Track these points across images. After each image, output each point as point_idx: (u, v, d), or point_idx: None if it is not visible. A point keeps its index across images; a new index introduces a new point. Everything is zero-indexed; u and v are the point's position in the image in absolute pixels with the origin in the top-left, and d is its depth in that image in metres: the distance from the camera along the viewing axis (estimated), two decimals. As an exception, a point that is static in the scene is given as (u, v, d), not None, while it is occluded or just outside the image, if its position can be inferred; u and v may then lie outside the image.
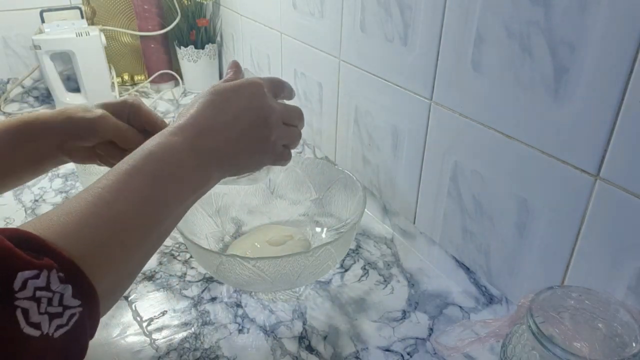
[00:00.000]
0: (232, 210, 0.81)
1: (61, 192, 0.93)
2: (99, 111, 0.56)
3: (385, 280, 0.71)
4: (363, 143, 0.86)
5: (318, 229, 0.79)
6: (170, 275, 0.72)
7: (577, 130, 0.49)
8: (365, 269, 0.74)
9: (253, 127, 0.49)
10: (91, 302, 0.33)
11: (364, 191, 0.72)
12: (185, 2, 1.34)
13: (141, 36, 1.40)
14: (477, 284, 0.67)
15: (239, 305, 0.67)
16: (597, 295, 0.46)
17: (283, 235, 0.75)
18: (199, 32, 1.37)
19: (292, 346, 0.61)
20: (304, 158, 0.84)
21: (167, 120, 0.60)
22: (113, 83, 1.39)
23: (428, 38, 0.65)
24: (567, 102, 0.49)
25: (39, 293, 0.30)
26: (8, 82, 1.35)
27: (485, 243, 0.64)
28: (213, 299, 0.68)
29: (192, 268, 0.73)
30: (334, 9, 0.84)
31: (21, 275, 0.30)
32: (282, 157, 0.54)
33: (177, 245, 0.78)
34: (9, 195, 0.92)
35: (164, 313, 0.65)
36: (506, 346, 0.47)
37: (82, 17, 1.34)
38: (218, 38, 1.45)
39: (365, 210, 0.75)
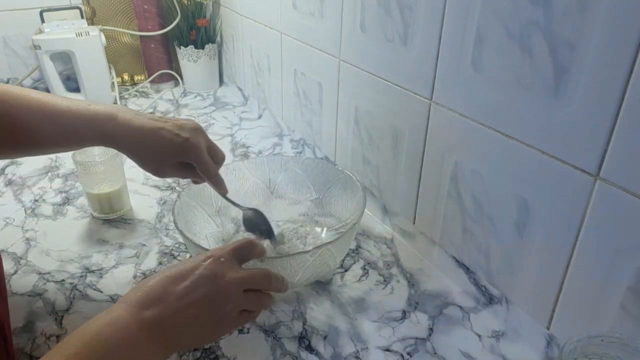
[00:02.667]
0: (233, 210, 0.81)
1: (61, 192, 0.93)
2: (188, 137, 0.62)
3: (385, 280, 0.71)
4: (363, 143, 0.86)
5: (318, 229, 0.79)
6: (170, 275, 0.72)
7: (577, 130, 0.49)
8: (365, 269, 0.74)
9: (207, 309, 0.47)
10: None
11: (364, 191, 0.72)
12: (185, 2, 1.34)
13: (141, 36, 1.40)
14: (477, 284, 0.67)
15: (239, 305, 0.67)
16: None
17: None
18: (199, 32, 1.37)
19: (292, 346, 0.61)
20: (304, 158, 0.84)
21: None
22: (113, 83, 1.39)
23: (428, 38, 0.65)
24: (567, 102, 0.49)
25: None
26: (8, 82, 1.35)
27: (485, 243, 0.64)
28: (213, 299, 0.68)
29: (192, 268, 0.73)
30: (334, 9, 0.84)
31: None
32: (238, 323, 0.52)
33: (177, 245, 0.78)
34: (9, 195, 0.92)
35: (164, 313, 0.65)
36: None
37: (82, 17, 1.34)
38: (218, 38, 1.45)
39: (365, 210, 0.75)
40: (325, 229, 0.79)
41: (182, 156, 0.63)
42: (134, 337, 0.43)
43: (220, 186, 0.68)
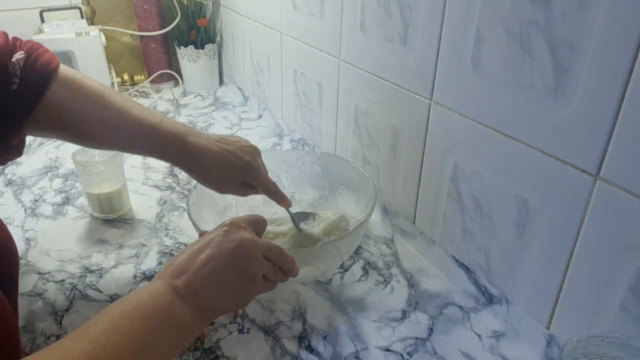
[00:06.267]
0: (233, 210, 0.81)
1: (61, 192, 0.93)
2: (250, 160, 0.67)
3: (385, 280, 0.71)
4: (363, 143, 0.86)
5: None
6: (170, 275, 0.72)
7: (577, 130, 0.49)
8: (365, 269, 0.74)
9: (240, 279, 0.50)
10: None
11: (376, 189, 0.72)
12: (185, 2, 1.34)
13: (141, 36, 1.40)
14: (477, 284, 0.67)
15: (239, 305, 0.67)
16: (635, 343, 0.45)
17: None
18: (199, 32, 1.37)
19: (292, 346, 0.61)
20: (319, 153, 0.85)
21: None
22: (113, 83, 1.39)
23: (428, 38, 0.65)
24: (567, 102, 0.49)
25: None
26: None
27: (485, 243, 0.64)
28: (213, 299, 0.68)
29: (192, 268, 0.73)
30: (334, 9, 0.84)
31: None
32: (264, 287, 0.54)
33: (177, 245, 0.78)
34: (9, 195, 0.92)
35: (164, 313, 0.65)
36: None
37: (82, 17, 1.34)
38: (218, 38, 1.45)
39: (365, 210, 0.75)
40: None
41: (244, 178, 0.68)
42: (170, 300, 0.45)
43: (283, 201, 0.72)
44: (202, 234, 0.58)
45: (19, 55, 0.57)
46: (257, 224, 0.56)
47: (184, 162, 0.66)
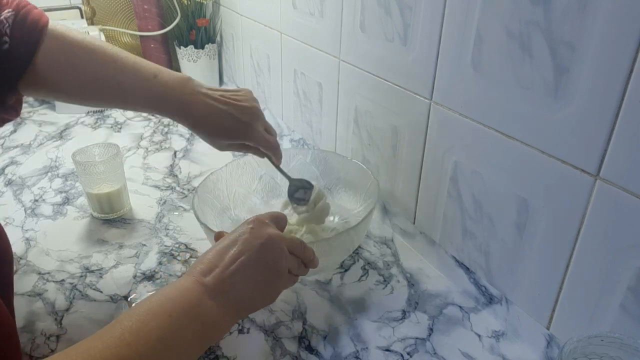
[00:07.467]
0: (231, 211, 0.81)
1: (61, 192, 0.93)
2: (248, 121, 0.66)
3: (385, 280, 0.71)
4: (363, 143, 0.86)
5: (330, 217, 0.80)
6: (170, 275, 0.72)
7: (577, 130, 0.49)
8: (365, 269, 0.74)
9: (267, 273, 0.51)
10: None
11: (376, 180, 0.73)
12: (185, 2, 1.34)
13: (141, 36, 1.40)
14: (477, 284, 0.67)
15: (239, 305, 0.67)
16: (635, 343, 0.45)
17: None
18: (199, 32, 1.37)
19: (292, 346, 0.61)
20: (314, 150, 0.85)
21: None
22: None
23: (428, 38, 0.65)
24: (567, 102, 0.49)
25: None
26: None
27: (485, 243, 0.64)
28: (213, 299, 0.68)
29: (192, 268, 0.73)
30: (333, 9, 0.84)
31: None
32: (290, 281, 0.56)
33: (177, 245, 0.78)
34: (9, 195, 0.92)
35: (164, 313, 0.65)
36: None
37: (82, 17, 1.34)
38: (218, 38, 1.45)
39: (365, 210, 0.76)
40: (336, 217, 0.81)
41: (242, 139, 0.68)
42: (198, 297, 0.46)
43: (278, 159, 0.73)
44: (218, 235, 0.58)
45: (7, 13, 0.56)
46: (279, 221, 0.57)
47: (182, 119, 0.65)
